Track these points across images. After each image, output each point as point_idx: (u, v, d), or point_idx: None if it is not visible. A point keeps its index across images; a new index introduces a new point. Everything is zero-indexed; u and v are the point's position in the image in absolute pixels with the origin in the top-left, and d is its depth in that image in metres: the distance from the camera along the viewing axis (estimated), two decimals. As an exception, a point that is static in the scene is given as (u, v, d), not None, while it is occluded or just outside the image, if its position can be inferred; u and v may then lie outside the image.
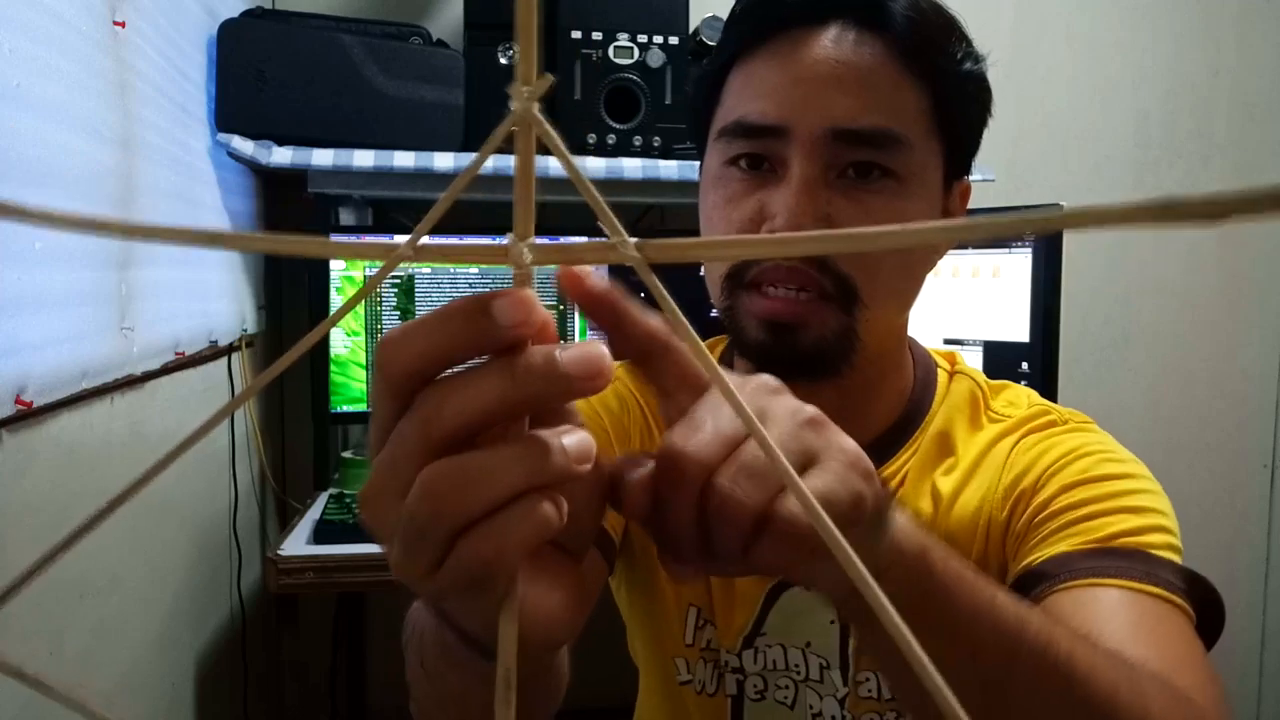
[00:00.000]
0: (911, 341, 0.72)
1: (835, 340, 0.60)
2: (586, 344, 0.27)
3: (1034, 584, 0.57)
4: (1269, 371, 2.05)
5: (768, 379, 0.35)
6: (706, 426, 0.32)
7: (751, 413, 0.23)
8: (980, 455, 0.66)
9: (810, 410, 0.35)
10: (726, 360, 0.71)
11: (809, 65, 0.59)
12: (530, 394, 0.26)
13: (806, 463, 0.33)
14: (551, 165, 1.07)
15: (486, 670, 0.33)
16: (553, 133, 0.22)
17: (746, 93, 0.61)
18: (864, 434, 0.62)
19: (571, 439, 0.27)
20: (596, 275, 0.29)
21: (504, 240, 0.24)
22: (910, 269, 0.63)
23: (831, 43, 0.59)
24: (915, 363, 0.71)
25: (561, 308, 1.54)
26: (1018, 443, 0.65)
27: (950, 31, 0.62)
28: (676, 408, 0.33)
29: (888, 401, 0.68)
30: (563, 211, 1.64)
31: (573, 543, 0.33)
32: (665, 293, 0.22)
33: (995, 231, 0.18)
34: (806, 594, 0.66)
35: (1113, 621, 0.52)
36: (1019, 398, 0.70)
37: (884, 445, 0.67)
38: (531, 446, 0.27)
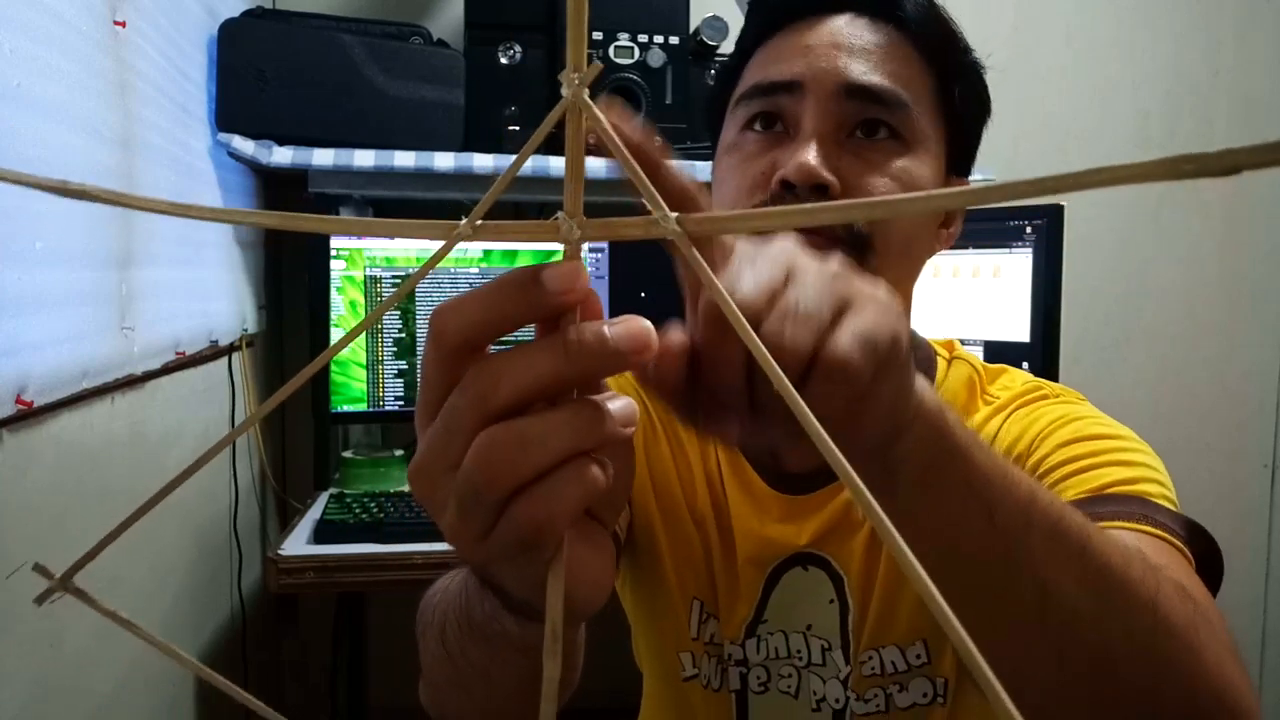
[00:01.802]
0: (912, 330, 0.73)
1: None
2: (632, 319, 0.28)
3: None
4: (1269, 371, 2.05)
5: (787, 240, 0.36)
6: (746, 277, 0.32)
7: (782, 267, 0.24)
8: None
9: (836, 262, 0.36)
10: None
11: (827, 35, 0.62)
12: (583, 368, 0.27)
13: (843, 308, 0.34)
14: (552, 165, 1.08)
15: (521, 637, 0.37)
16: (601, 116, 0.24)
17: (764, 63, 0.64)
18: None
19: (617, 404, 0.28)
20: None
21: (556, 217, 0.25)
22: (917, 234, 0.64)
23: (846, 24, 0.62)
24: (916, 348, 0.72)
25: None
26: (1009, 417, 0.67)
27: (953, 28, 0.66)
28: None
29: None
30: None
31: (606, 510, 0.34)
32: (704, 262, 0.23)
33: (1013, 194, 0.18)
34: (805, 575, 0.68)
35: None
36: (1014, 380, 0.71)
37: None
38: (581, 411, 0.28)
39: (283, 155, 1.32)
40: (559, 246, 0.26)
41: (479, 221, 0.25)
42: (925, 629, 0.66)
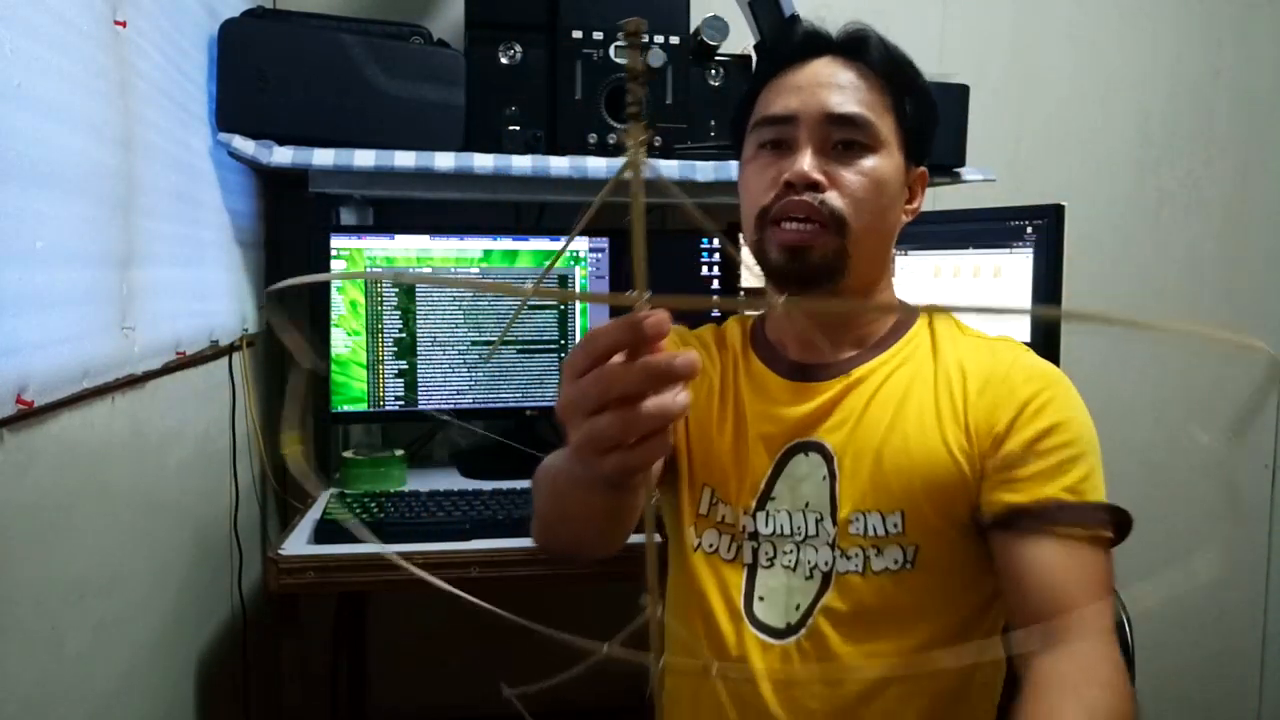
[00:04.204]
0: (901, 299, 0.97)
1: (834, 258, 0.84)
2: (689, 355, 0.46)
3: (1018, 519, 0.78)
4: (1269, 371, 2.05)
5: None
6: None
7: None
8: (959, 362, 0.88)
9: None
10: (761, 318, 0.99)
11: (811, 77, 0.87)
12: (656, 379, 0.46)
13: None
14: (552, 165, 1.11)
15: (605, 496, 0.62)
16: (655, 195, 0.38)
17: (769, 99, 0.89)
18: (862, 338, 0.91)
19: (684, 359, 0.46)
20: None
21: (631, 294, 0.41)
22: (884, 211, 0.87)
23: (825, 65, 0.88)
24: (900, 301, 0.97)
25: (562, 308, 1.54)
26: (976, 348, 0.88)
27: (905, 63, 0.89)
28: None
29: (878, 319, 0.93)
30: (561, 211, 1.64)
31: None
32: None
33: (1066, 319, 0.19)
34: (806, 460, 0.87)
35: (1079, 576, 0.76)
36: (988, 335, 0.92)
37: (875, 347, 0.90)
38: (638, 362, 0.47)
39: (283, 155, 1.32)
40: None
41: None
42: (904, 502, 0.83)
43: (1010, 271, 1.35)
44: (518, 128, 1.44)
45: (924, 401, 0.85)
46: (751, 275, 0.95)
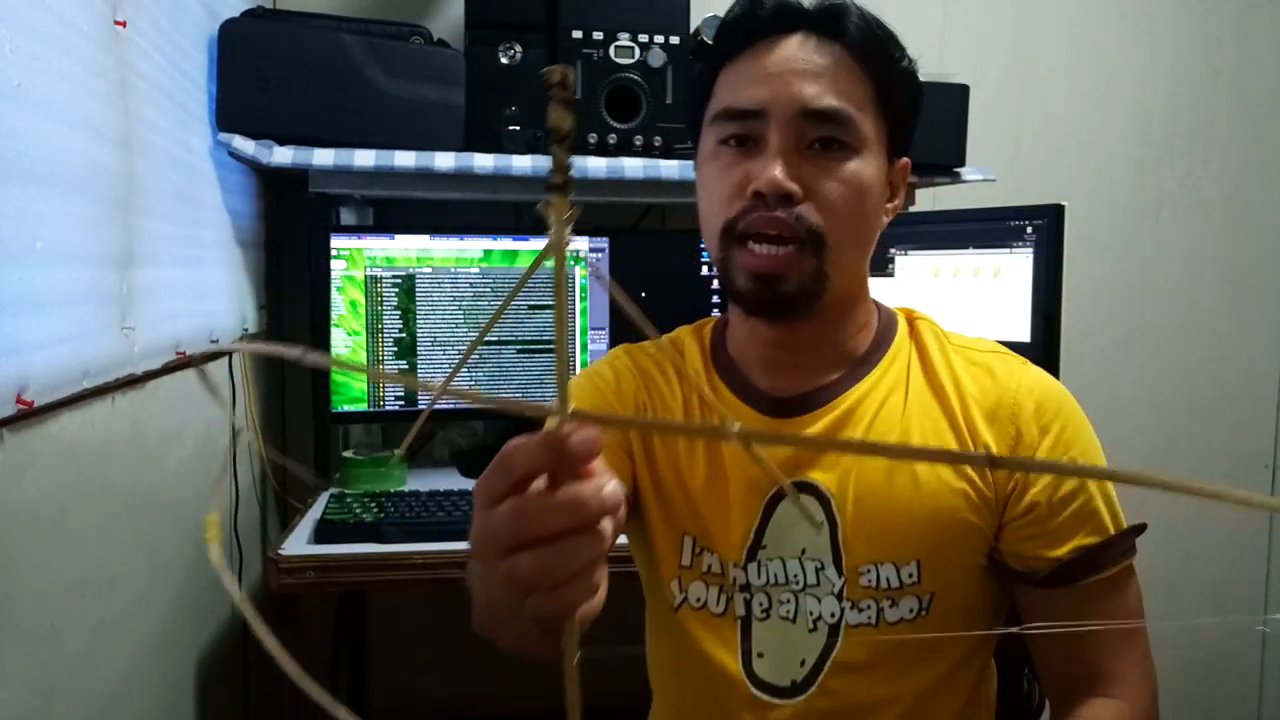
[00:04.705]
0: (875, 300, 0.86)
1: (811, 282, 0.74)
2: (616, 488, 0.40)
3: (1060, 575, 0.74)
4: (1269, 371, 2.05)
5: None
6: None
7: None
8: (952, 378, 0.80)
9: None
10: (719, 327, 0.88)
11: (782, 62, 0.74)
12: (581, 518, 0.39)
13: None
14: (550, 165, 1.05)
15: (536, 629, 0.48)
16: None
17: (733, 86, 0.76)
18: (843, 357, 0.81)
19: (614, 494, 0.40)
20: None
21: (549, 405, 0.36)
22: (865, 222, 0.77)
23: (798, 46, 0.74)
24: (879, 311, 0.86)
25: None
26: (974, 366, 0.80)
27: (889, 39, 0.77)
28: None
29: (858, 334, 0.83)
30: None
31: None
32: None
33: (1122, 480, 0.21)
34: (798, 501, 0.79)
35: (1121, 613, 0.74)
36: (972, 340, 0.84)
37: (859, 365, 0.82)
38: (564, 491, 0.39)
39: (283, 155, 1.32)
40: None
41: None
42: (920, 551, 0.75)
43: (1010, 271, 1.35)
44: (518, 128, 1.44)
45: (926, 431, 0.77)
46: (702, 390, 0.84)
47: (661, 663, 0.87)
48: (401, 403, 1.49)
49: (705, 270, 1.60)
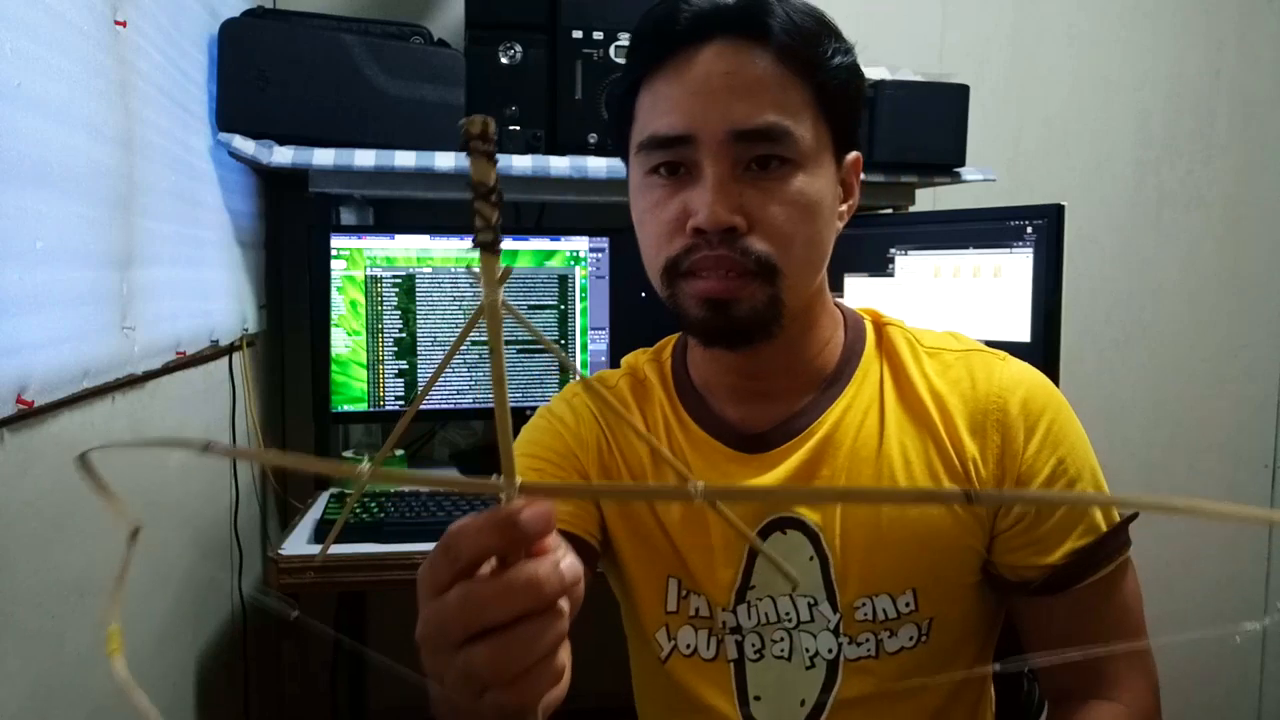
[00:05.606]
0: (839, 303, 0.81)
1: (765, 309, 0.68)
2: (574, 561, 0.38)
3: (1054, 582, 0.72)
4: (1269, 371, 2.05)
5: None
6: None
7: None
8: (930, 392, 0.76)
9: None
10: (679, 351, 0.84)
11: (704, 78, 0.67)
12: (537, 600, 0.36)
13: None
14: (552, 165, 1.09)
15: None
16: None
17: (655, 109, 0.69)
18: (812, 376, 0.77)
19: (566, 562, 0.37)
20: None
21: (496, 479, 0.34)
22: (818, 240, 0.71)
23: (720, 56, 0.67)
24: (845, 318, 0.81)
25: (562, 308, 1.54)
26: (951, 368, 0.76)
27: (821, 31, 0.69)
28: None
29: (824, 350, 0.78)
30: (561, 211, 1.64)
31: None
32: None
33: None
34: (784, 539, 0.74)
35: (1120, 613, 0.73)
36: (943, 337, 0.80)
37: (830, 385, 0.77)
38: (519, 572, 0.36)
39: (283, 155, 1.32)
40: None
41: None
42: (915, 579, 0.72)
43: (1010, 271, 1.35)
44: (518, 128, 1.44)
45: (908, 448, 0.74)
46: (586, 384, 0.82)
47: (655, 714, 0.83)
48: (401, 403, 1.49)
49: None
